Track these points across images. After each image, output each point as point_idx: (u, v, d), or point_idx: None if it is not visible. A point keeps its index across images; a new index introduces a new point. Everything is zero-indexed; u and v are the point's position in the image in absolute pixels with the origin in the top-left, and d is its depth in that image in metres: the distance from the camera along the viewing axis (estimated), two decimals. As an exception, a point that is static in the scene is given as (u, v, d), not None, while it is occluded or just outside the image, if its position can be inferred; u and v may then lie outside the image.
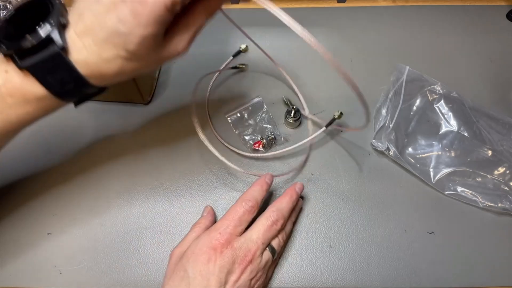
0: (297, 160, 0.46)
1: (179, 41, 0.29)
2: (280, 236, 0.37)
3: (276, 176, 0.42)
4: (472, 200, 0.42)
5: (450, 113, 0.47)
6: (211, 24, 0.31)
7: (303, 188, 0.41)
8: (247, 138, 0.47)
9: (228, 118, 0.48)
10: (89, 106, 0.50)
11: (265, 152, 0.46)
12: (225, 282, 0.32)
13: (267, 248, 0.35)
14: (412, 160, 0.45)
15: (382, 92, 0.50)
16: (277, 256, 0.37)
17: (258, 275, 0.34)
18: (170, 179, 0.45)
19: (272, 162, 0.46)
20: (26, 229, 0.41)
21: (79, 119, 0.49)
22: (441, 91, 0.49)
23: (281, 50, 0.55)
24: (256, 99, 0.49)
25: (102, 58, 0.27)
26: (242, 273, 0.33)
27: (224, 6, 0.31)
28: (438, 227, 0.41)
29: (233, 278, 0.33)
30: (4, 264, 0.39)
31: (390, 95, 0.48)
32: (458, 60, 0.54)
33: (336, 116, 0.45)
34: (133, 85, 0.46)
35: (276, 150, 0.45)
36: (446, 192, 0.43)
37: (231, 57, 0.53)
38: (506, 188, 0.43)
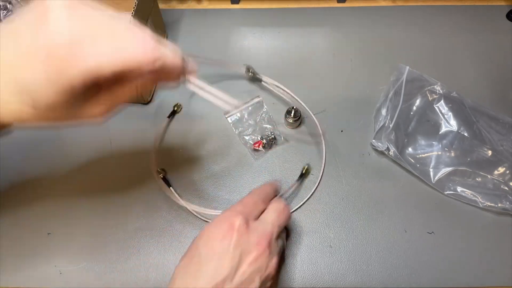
0: (296, 159, 0.46)
1: (96, 107, 0.27)
2: (283, 234, 0.35)
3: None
4: (472, 200, 0.42)
5: (450, 113, 0.47)
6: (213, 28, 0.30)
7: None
8: (247, 138, 0.47)
9: (228, 118, 0.48)
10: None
11: (265, 152, 0.46)
12: (239, 262, 0.29)
13: (279, 236, 0.33)
14: (412, 160, 0.45)
15: (382, 92, 0.50)
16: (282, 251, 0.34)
17: (274, 261, 0.31)
18: (170, 179, 0.45)
19: (271, 162, 0.46)
20: (26, 229, 0.41)
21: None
22: (441, 91, 0.49)
23: (280, 49, 0.55)
24: (256, 99, 0.49)
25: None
26: (260, 255, 0.29)
27: (224, 6, 0.30)
28: (438, 227, 0.41)
29: (249, 259, 0.29)
30: (4, 264, 0.39)
31: (390, 95, 0.48)
32: (458, 60, 0.54)
33: (304, 172, 0.44)
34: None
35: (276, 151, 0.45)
36: (446, 192, 0.43)
37: (167, 118, 0.48)
38: (506, 188, 0.43)
